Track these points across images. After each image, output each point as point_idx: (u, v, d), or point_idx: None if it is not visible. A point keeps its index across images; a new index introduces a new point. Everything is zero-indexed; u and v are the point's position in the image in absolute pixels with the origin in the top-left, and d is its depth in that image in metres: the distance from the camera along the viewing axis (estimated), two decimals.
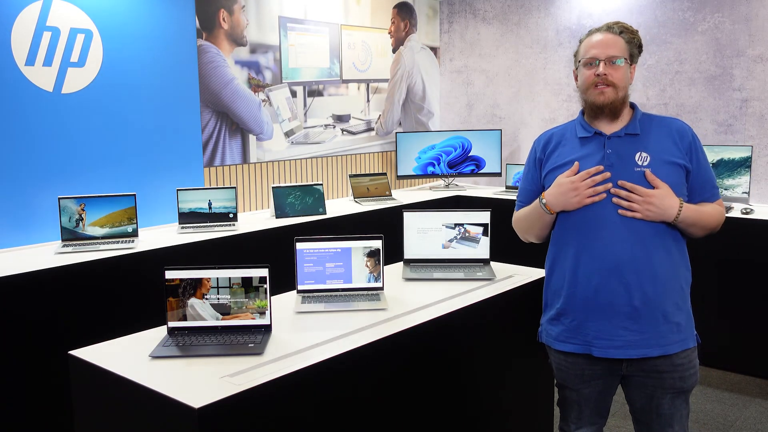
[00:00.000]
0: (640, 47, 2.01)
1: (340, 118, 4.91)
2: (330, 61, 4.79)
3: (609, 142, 1.96)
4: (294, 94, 4.55)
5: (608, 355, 1.93)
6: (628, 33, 1.98)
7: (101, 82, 3.52)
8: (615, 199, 1.90)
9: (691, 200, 1.96)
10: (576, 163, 1.96)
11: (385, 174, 4.74)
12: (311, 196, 4.05)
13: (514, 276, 2.58)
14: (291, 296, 2.37)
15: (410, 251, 2.70)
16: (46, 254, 3.04)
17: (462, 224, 2.68)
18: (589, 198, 1.92)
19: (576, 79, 2.04)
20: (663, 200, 1.87)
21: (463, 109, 5.67)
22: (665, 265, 1.91)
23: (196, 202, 3.66)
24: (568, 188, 1.94)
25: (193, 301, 1.97)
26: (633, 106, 2.02)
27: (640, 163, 1.92)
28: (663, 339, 1.91)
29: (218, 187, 3.74)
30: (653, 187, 1.89)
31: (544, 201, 2.01)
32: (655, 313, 1.90)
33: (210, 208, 3.67)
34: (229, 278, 1.98)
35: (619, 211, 1.89)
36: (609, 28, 1.98)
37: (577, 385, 2.04)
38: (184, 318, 1.97)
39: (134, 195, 3.35)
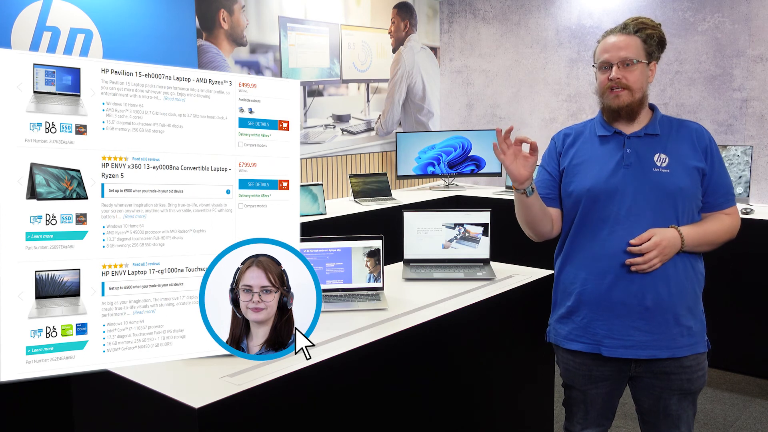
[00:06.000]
0: (661, 43, 1.94)
1: (340, 118, 4.91)
2: (330, 61, 4.79)
3: (629, 142, 1.94)
4: None
5: (617, 354, 1.92)
6: (645, 30, 1.91)
7: None
8: (634, 267, 1.86)
9: (703, 205, 1.95)
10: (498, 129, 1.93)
11: (385, 174, 4.74)
12: (311, 196, 4.05)
13: (514, 276, 2.58)
14: None
15: (410, 251, 2.70)
16: None
17: (462, 224, 2.68)
18: (503, 158, 1.90)
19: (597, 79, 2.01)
20: (668, 240, 1.85)
21: (463, 109, 5.67)
22: (678, 268, 1.90)
23: None
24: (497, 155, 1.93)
25: None
26: (653, 107, 2.00)
27: (659, 164, 1.90)
28: (673, 342, 1.90)
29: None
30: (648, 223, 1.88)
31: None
32: (666, 314, 1.89)
33: None
34: None
35: (634, 268, 1.86)
36: (624, 27, 1.92)
37: (584, 386, 2.03)
38: None
39: None
